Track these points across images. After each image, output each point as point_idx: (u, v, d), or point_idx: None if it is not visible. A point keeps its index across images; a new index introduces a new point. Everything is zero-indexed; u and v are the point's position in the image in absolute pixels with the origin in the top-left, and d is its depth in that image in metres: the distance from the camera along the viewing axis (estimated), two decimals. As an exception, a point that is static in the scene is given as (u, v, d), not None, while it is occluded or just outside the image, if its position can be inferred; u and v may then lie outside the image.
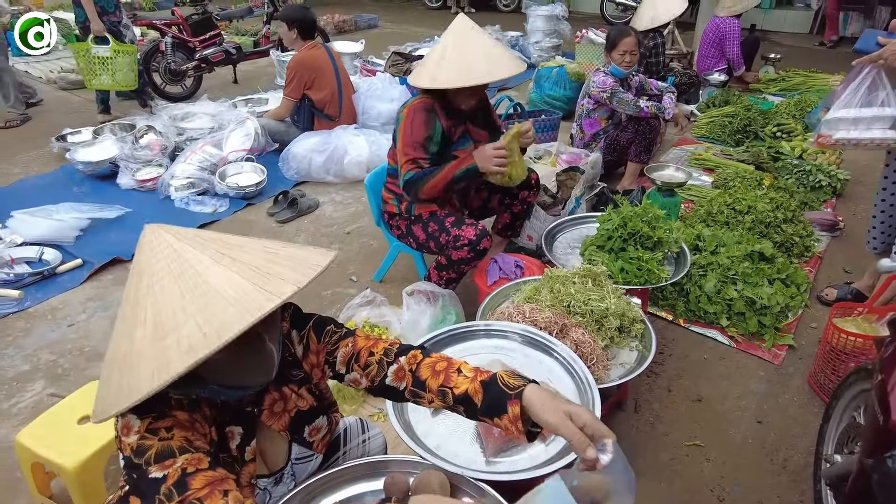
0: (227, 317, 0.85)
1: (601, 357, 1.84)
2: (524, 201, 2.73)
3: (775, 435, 2.15)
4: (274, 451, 1.20)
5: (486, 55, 2.28)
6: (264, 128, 4.29)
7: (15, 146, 4.78)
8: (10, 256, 3.11)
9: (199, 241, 0.94)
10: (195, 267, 0.90)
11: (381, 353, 1.22)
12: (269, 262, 0.93)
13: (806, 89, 5.71)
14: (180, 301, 0.88)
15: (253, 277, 0.90)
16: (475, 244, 2.32)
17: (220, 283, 0.88)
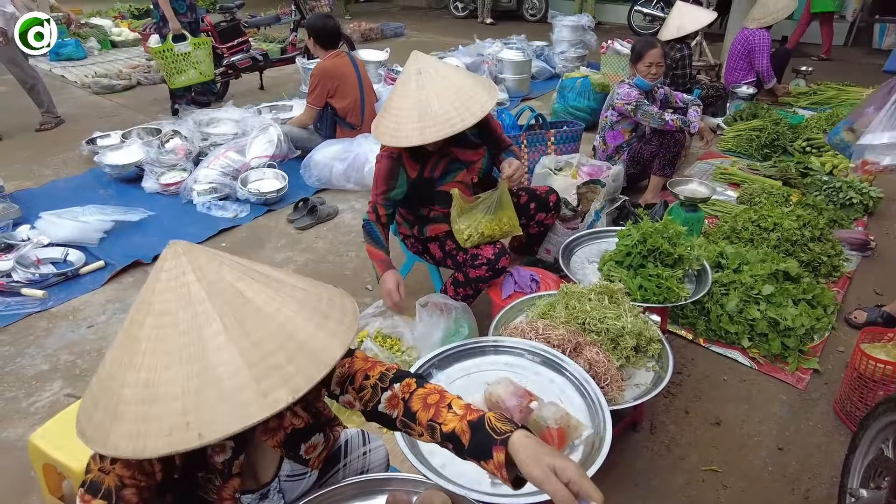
0: (215, 415, 0.80)
1: (615, 377, 1.79)
2: (541, 223, 2.67)
3: (797, 463, 2.07)
4: (264, 465, 1.18)
5: (419, 113, 2.07)
6: (287, 135, 4.33)
7: (49, 148, 4.91)
8: (37, 257, 3.18)
9: (218, 290, 0.88)
10: (202, 330, 0.85)
11: (376, 378, 1.20)
12: (279, 348, 0.86)
13: (838, 103, 5.56)
14: (177, 367, 0.83)
15: (255, 367, 0.84)
16: (494, 263, 2.30)
17: (220, 365, 0.83)
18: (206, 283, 0.88)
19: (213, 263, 0.91)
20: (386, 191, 2.36)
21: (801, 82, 6.07)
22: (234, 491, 1.10)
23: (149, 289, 0.89)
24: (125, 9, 10.48)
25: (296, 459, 1.21)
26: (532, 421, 1.50)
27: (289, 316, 0.90)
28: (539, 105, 5.96)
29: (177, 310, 0.86)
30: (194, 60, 5.21)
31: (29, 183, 4.27)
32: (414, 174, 2.35)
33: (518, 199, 2.61)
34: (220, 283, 0.89)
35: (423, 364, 1.69)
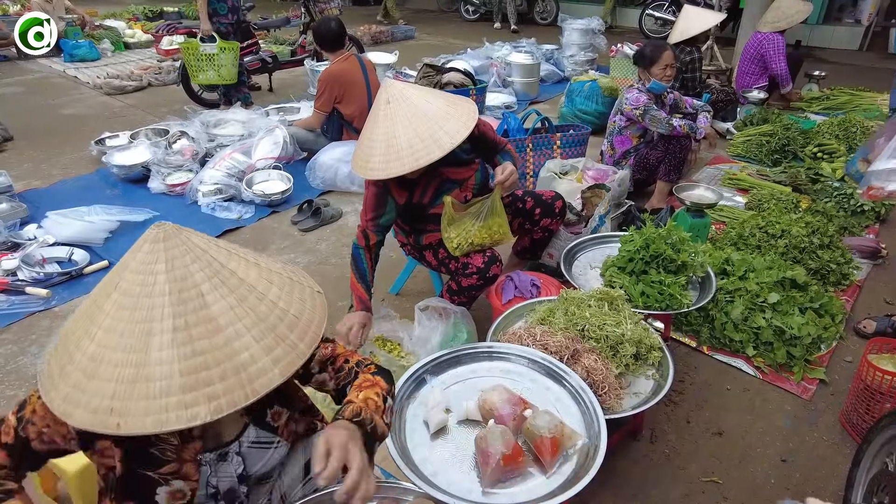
0: (136, 410, 0.84)
1: (613, 385, 1.77)
2: (546, 229, 2.63)
3: (800, 476, 2.03)
4: (227, 427, 1.20)
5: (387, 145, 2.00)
6: (293, 136, 4.34)
7: (58, 148, 4.96)
8: (42, 256, 3.21)
9: (182, 288, 0.91)
10: (154, 324, 0.88)
11: (353, 364, 1.32)
12: (217, 363, 0.89)
13: (852, 108, 5.48)
14: (122, 353, 0.87)
15: (187, 377, 0.87)
16: (484, 272, 2.25)
17: (158, 364, 0.86)
18: (172, 278, 0.91)
19: (187, 257, 0.93)
20: (374, 217, 2.28)
21: (813, 87, 5.99)
22: (196, 453, 1.13)
23: (124, 263, 0.94)
24: (139, 11, 10.59)
25: (262, 426, 1.23)
26: (526, 429, 1.48)
27: (240, 331, 0.92)
28: (547, 108, 5.93)
29: (139, 295, 0.90)
30: (217, 63, 5.28)
31: (38, 182, 4.31)
32: (402, 200, 2.29)
33: (524, 203, 2.58)
34: (186, 282, 0.91)
35: (418, 369, 1.67)
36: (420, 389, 1.66)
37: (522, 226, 2.60)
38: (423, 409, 1.59)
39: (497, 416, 1.51)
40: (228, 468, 1.19)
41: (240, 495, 1.23)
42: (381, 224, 2.29)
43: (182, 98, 5.87)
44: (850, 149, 4.48)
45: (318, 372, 1.31)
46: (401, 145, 1.98)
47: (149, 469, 1.09)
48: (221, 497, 1.20)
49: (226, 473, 1.19)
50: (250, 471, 1.22)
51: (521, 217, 2.59)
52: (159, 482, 1.09)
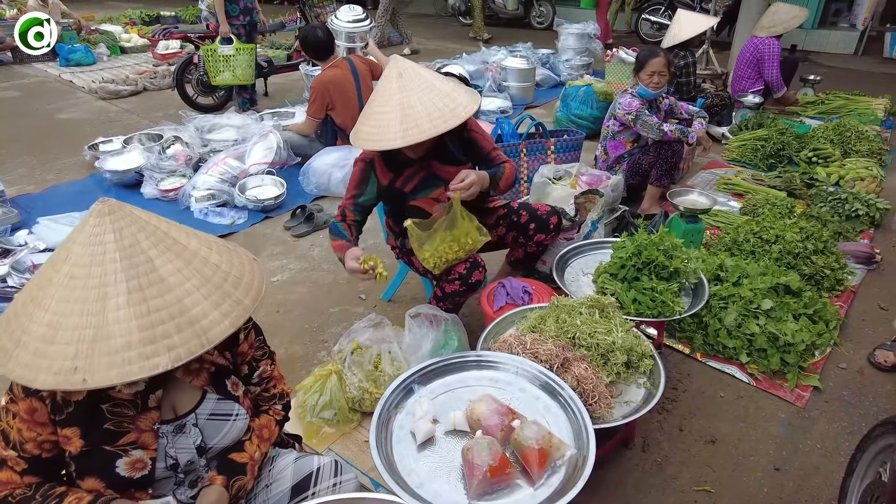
0: (101, 366, 0.92)
1: (604, 394, 1.75)
2: (540, 244, 2.58)
3: (794, 485, 2.01)
4: (181, 399, 1.24)
5: (403, 114, 1.98)
6: (287, 141, 4.33)
7: (53, 153, 4.94)
8: (33, 262, 3.18)
9: (131, 254, 0.99)
10: (108, 288, 0.97)
11: (273, 392, 1.46)
12: (171, 317, 0.98)
13: (847, 113, 5.48)
14: (78, 317, 0.95)
15: (145, 331, 0.96)
16: (466, 278, 2.21)
17: (115, 323, 0.95)
18: (121, 247, 0.99)
19: (133, 227, 1.02)
20: (355, 195, 2.27)
21: (809, 91, 6.00)
22: (153, 422, 1.18)
23: (71, 238, 1.01)
24: (136, 15, 10.59)
25: (224, 395, 1.29)
26: (514, 440, 1.46)
27: (189, 290, 1.02)
28: (543, 113, 5.93)
29: (90, 264, 0.97)
30: (233, 64, 5.37)
31: (31, 187, 4.29)
32: (385, 182, 2.27)
33: (519, 217, 2.54)
34: (135, 248, 1.00)
35: (406, 379, 1.65)
36: (408, 399, 1.64)
37: (516, 239, 2.57)
38: (410, 419, 1.57)
39: (484, 427, 1.49)
40: (186, 440, 1.23)
41: (199, 468, 1.27)
42: (360, 203, 2.28)
43: (177, 103, 5.86)
44: (845, 153, 4.48)
45: (252, 384, 1.43)
46: (419, 114, 1.98)
47: (105, 444, 1.13)
48: (181, 469, 1.23)
49: (184, 445, 1.23)
50: (209, 443, 1.26)
51: (515, 231, 2.55)
52: (118, 454, 1.14)
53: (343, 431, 2.15)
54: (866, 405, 2.34)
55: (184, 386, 1.24)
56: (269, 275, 3.26)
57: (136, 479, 1.16)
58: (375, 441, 1.44)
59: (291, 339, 2.70)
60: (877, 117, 5.32)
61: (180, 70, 5.64)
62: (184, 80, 5.70)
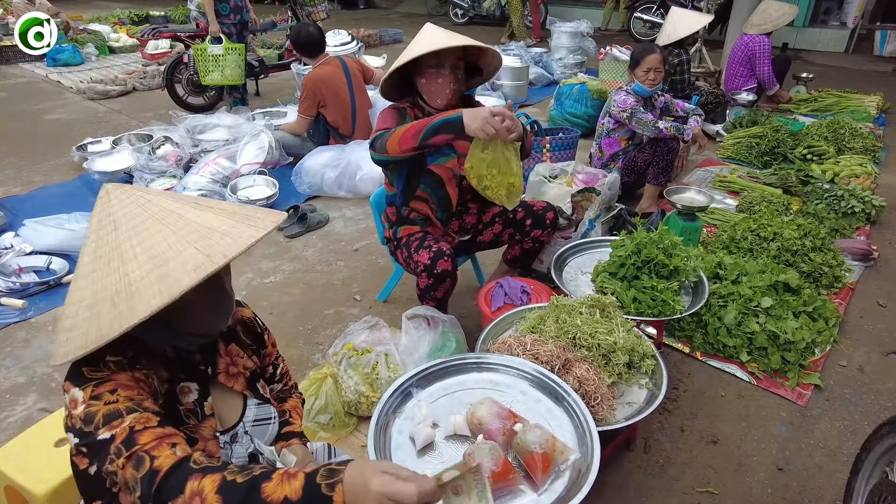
0: (225, 244, 0.97)
1: (606, 396, 1.71)
2: (537, 240, 2.55)
3: (797, 485, 1.98)
4: (227, 409, 1.25)
5: (447, 34, 2.17)
6: (279, 141, 4.27)
7: (41, 154, 4.86)
8: (19, 265, 3.11)
9: (169, 196, 1.05)
10: (177, 212, 1.01)
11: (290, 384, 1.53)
12: (239, 210, 1.06)
13: (839, 110, 5.49)
14: (173, 236, 0.98)
15: (235, 218, 1.03)
16: (431, 269, 2.16)
17: (208, 221, 1.01)
18: (156, 195, 1.05)
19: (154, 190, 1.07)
20: (397, 123, 2.17)
21: (801, 89, 6.01)
22: (213, 430, 1.18)
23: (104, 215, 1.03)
24: (124, 15, 10.47)
25: (258, 397, 1.31)
26: (516, 444, 1.42)
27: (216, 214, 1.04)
28: (536, 112, 5.90)
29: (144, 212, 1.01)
30: (222, 64, 5.29)
31: (17, 189, 4.21)
32: None
33: (514, 214, 2.52)
34: (168, 195, 1.07)
35: (404, 382, 1.61)
36: (406, 403, 1.59)
37: (512, 236, 2.54)
38: (408, 424, 1.52)
39: (486, 431, 1.45)
40: (241, 449, 1.25)
41: None
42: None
43: (167, 103, 5.79)
44: (839, 150, 4.48)
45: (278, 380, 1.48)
46: (462, 38, 2.17)
47: None
48: None
49: (238, 454, 1.24)
50: (259, 449, 1.28)
51: (512, 227, 2.52)
52: None
53: (339, 436, 2.11)
54: (868, 403, 2.33)
55: (227, 394, 1.26)
56: (262, 276, 3.21)
57: None
58: (373, 447, 1.40)
59: (286, 341, 2.65)
60: (869, 114, 5.33)
61: (170, 70, 5.56)
62: (174, 80, 5.63)
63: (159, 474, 0.91)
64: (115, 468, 0.93)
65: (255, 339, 1.38)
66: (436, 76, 2.20)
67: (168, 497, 0.90)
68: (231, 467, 0.94)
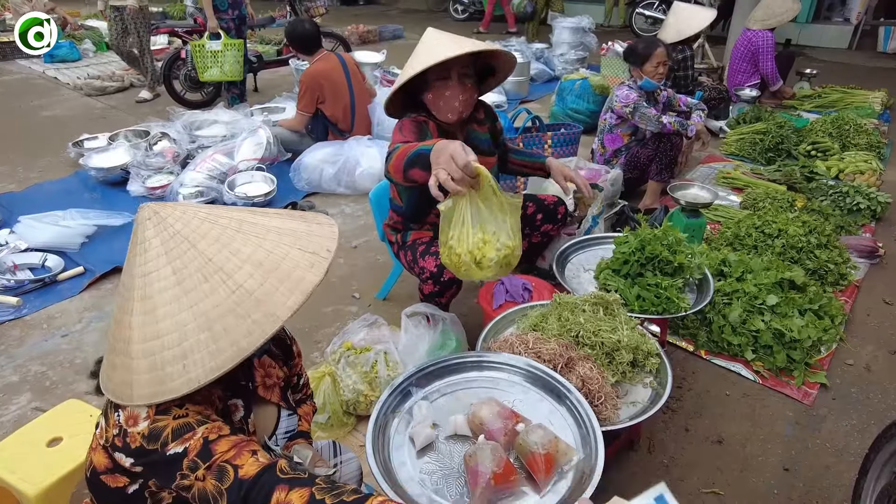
0: (317, 241, 0.94)
1: (610, 395, 1.67)
2: (546, 234, 2.51)
3: (804, 486, 1.95)
4: (265, 421, 1.24)
5: (453, 40, 1.97)
6: (277, 137, 4.23)
7: (37, 151, 4.81)
8: (13, 262, 3.07)
9: (216, 207, 1.00)
10: (247, 220, 0.96)
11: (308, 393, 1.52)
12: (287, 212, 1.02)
13: (844, 106, 5.44)
14: (264, 241, 0.94)
15: (297, 219, 0.99)
16: (438, 276, 2.09)
17: (281, 224, 0.96)
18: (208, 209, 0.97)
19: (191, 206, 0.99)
20: (416, 136, 1.95)
21: (805, 85, 5.96)
22: (260, 440, 1.19)
23: (171, 234, 0.94)
24: (122, 11, 10.38)
25: (289, 407, 1.30)
26: (518, 445, 1.38)
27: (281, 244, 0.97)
28: (538, 107, 5.85)
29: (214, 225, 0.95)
30: (221, 60, 5.23)
31: (12, 186, 4.17)
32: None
33: (525, 209, 2.47)
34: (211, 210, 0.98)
35: (403, 381, 1.57)
36: (405, 402, 1.55)
37: (521, 230, 2.50)
38: (408, 423, 1.49)
39: (487, 432, 1.41)
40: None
41: None
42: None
43: (164, 99, 5.74)
44: (843, 147, 4.44)
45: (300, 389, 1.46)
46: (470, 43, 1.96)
47: None
48: None
49: None
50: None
51: (521, 222, 2.49)
52: None
53: (337, 435, 2.07)
54: (875, 402, 2.29)
55: (263, 406, 1.24)
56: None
57: None
58: (372, 447, 1.36)
59: (283, 339, 2.61)
60: (874, 111, 5.29)
61: (167, 66, 5.52)
62: (171, 77, 5.58)
63: (246, 482, 0.88)
64: (191, 482, 0.89)
65: (284, 349, 1.36)
66: (442, 89, 2.02)
67: (258, 499, 0.88)
68: (318, 482, 0.91)
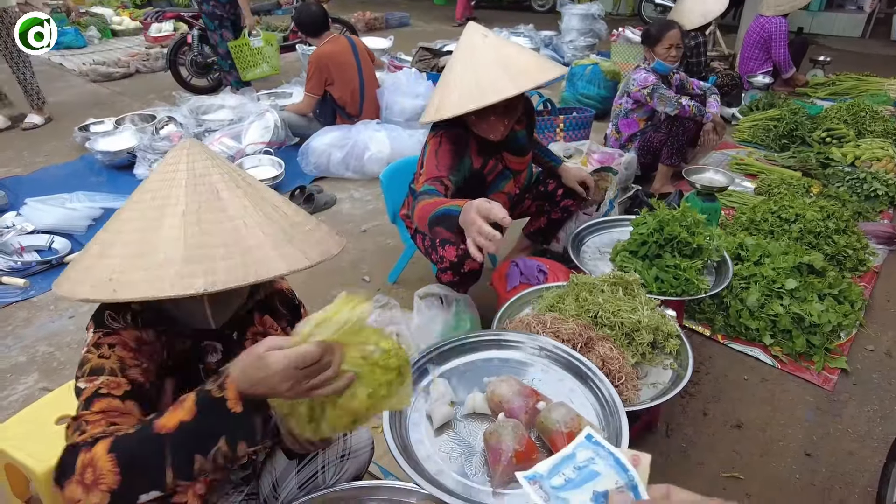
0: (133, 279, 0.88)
1: (630, 375, 1.63)
2: (566, 209, 2.46)
3: (826, 471, 1.90)
4: None
5: (503, 65, 1.83)
6: (285, 121, 4.18)
7: (43, 136, 4.78)
8: (20, 244, 3.04)
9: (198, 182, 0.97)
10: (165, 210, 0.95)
11: None
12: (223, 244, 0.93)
13: (858, 93, 5.35)
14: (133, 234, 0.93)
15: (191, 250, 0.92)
16: (458, 266, 2.05)
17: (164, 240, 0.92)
18: (191, 175, 0.97)
19: (208, 161, 0.99)
20: (451, 170, 1.88)
21: (818, 72, 5.87)
22: None
23: (150, 176, 1.00)
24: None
25: None
26: (539, 423, 1.34)
27: (250, 224, 0.95)
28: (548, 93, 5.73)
29: (159, 189, 0.96)
30: (266, 55, 5.27)
31: (18, 170, 4.14)
32: (477, 165, 2.08)
33: (546, 186, 2.46)
34: (204, 178, 0.97)
35: (420, 358, 1.53)
36: (422, 381, 1.51)
37: (541, 208, 2.47)
38: (425, 402, 1.45)
39: (507, 410, 1.37)
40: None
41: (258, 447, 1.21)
42: (454, 181, 1.90)
43: (170, 84, 5.70)
44: (859, 134, 4.36)
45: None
46: (521, 63, 1.84)
47: None
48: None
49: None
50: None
51: (541, 200, 2.45)
52: None
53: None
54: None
55: None
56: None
57: None
58: (389, 424, 1.32)
59: (293, 322, 2.58)
60: (889, 98, 5.19)
61: (174, 51, 5.46)
62: (178, 62, 5.52)
63: (77, 445, 0.87)
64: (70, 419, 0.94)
65: (292, 310, 1.32)
66: (488, 113, 1.90)
67: (62, 477, 0.85)
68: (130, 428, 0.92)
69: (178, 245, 0.89)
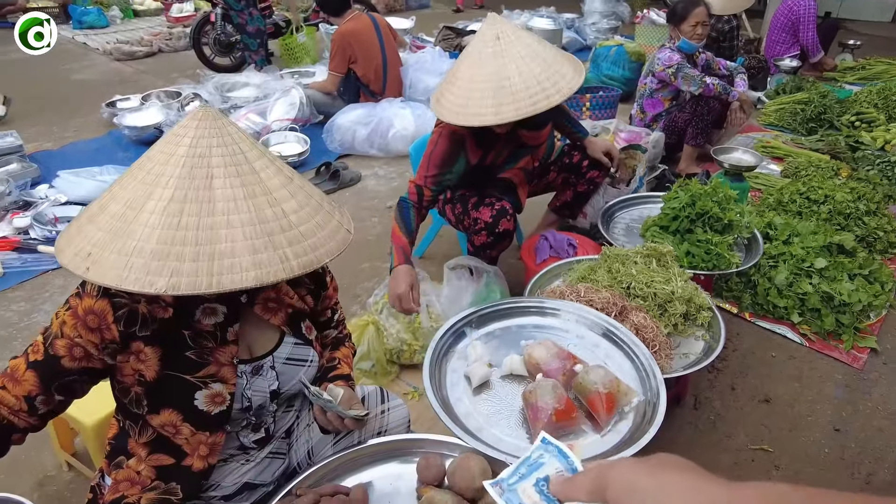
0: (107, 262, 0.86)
1: (664, 344, 1.65)
2: (592, 181, 2.45)
3: (856, 445, 1.91)
4: (260, 341, 1.18)
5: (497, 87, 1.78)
6: (310, 98, 4.20)
7: (70, 111, 4.84)
8: (54, 215, 3.10)
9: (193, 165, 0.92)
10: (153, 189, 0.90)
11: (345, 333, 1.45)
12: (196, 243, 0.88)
13: (889, 78, 5.24)
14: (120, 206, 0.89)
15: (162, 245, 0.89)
16: (493, 227, 2.06)
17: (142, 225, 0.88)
18: (190, 154, 0.91)
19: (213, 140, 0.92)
20: (439, 174, 2.03)
21: (847, 57, 5.76)
22: (232, 356, 1.10)
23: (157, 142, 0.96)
24: (148, -22, 10.36)
25: (299, 336, 1.23)
26: (577, 384, 1.36)
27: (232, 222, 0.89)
28: (569, 77, 5.73)
29: (157, 161, 0.91)
30: (307, 48, 5.49)
31: (49, 144, 4.20)
32: (475, 160, 2.11)
33: (571, 158, 2.46)
34: (202, 160, 0.91)
35: (458, 321, 1.55)
36: (459, 343, 1.54)
37: (567, 180, 2.47)
38: (462, 363, 1.47)
39: (545, 371, 1.39)
40: (262, 383, 1.17)
41: (269, 412, 1.22)
42: (443, 182, 2.07)
43: (194, 63, 5.72)
44: (889, 118, 4.29)
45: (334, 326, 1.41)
46: (516, 87, 1.78)
47: (186, 373, 1.06)
48: (252, 412, 1.18)
49: (259, 388, 1.16)
50: (282, 388, 1.20)
51: (567, 172, 2.45)
52: (197, 386, 1.07)
53: (381, 383, 2.07)
54: (927, 368, 2.23)
55: (261, 325, 1.17)
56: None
57: (213, 414, 1.08)
58: (430, 381, 1.35)
59: (321, 293, 2.62)
60: (921, 83, 5.09)
61: (197, 30, 5.48)
62: (200, 41, 5.55)
63: None
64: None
65: (316, 279, 1.29)
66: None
67: None
68: None
69: (153, 235, 0.85)
